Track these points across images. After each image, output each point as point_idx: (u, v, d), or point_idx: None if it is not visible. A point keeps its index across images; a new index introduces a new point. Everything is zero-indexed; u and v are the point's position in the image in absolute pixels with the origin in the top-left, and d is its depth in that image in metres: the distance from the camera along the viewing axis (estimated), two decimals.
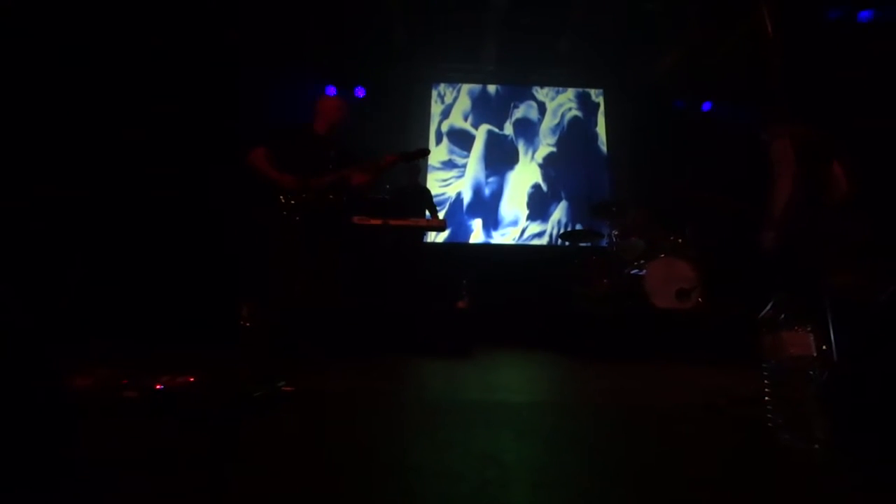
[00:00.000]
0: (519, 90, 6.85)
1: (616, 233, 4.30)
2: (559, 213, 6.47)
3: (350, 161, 2.56)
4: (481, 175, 6.57)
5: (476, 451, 1.08)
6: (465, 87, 6.80)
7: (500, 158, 6.62)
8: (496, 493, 0.83)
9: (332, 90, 5.88)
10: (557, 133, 6.76)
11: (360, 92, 5.96)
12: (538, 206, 6.50)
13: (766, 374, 1.18)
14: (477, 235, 6.35)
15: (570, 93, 6.88)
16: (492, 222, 6.41)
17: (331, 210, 2.47)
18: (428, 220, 4.54)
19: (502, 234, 6.36)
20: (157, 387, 1.49)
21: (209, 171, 4.22)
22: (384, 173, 2.59)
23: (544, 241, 6.36)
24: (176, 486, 0.86)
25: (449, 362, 2.87)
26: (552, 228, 6.41)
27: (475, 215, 6.42)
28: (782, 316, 1.17)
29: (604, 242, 4.85)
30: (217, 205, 4.06)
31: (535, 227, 6.42)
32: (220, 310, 3.57)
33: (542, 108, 6.83)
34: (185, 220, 4.16)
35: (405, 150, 2.68)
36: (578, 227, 6.15)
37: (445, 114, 6.72)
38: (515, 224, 6.42)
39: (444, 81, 6.76)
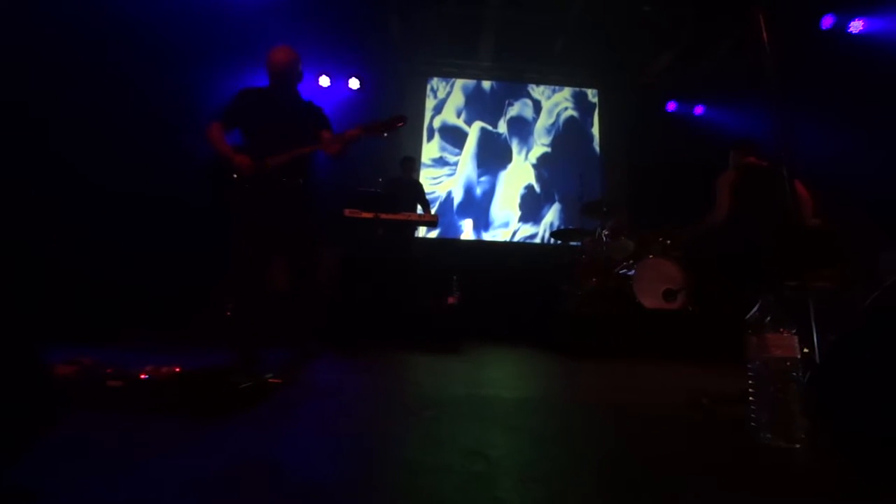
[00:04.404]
0: (514, 87, 6.79)
1: (606, 232, 4.33)
2: (552, 215, 6.44)
3: (320, 122, 2.41)
4: (473, 174, 6.50)
5: (464, 446, 1.08)
6: (459, 83, 6.71)
7: (492, 157, 6.57)
8: (483, 487, 0.83)
9: (325, 80, 5.81)
10: (552, 133, 6.72)
11: (353, 83, 5.90)
12: (530, 207, 6.45)
13: (750, 374, 1.20)
14: (467, 236, 6.30)
15: (567, 92, 6.83)
16: (483, 223, 6.36)
17: (285, 194, 2.26)
18: (420, 215, 4.53)
19: (493, 236, 6.32)
20: (142, 376, 1.47)
21: (201, 163, 4.16)
22: (353, 143, 2.34)
23: (535, 243, 6.35)
24: (157, 477, 0.85)
25: (438, 357, 2.87)
26: (544, 231, 6.36)
27: (466, 215, 6.36)
28: (768, 318, 1.19)
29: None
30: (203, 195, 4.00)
31: (526, 230, 6.38)
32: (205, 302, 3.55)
33: (537, 107, 6.78)
34: (170, 210, 4.10)
35: (374, 121, 2.37)
36: (571, 227, 6.18)
37: (438, 109, 6.64)
38: (507, 226, 6.37)
39: (437, 76, 6.68)
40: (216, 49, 4.63)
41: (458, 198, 6.41)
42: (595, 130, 6.76)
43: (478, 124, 6.65)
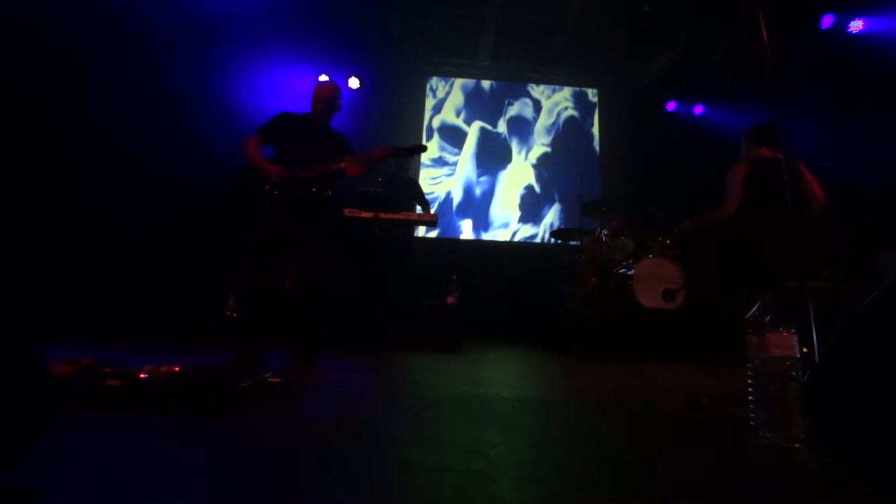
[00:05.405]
0: (514, 87, 6.74)
1: (606, 232, 4.33)
2: (552, 216, 6.41)
3: (346, 150, 2.56)
4: (473, 174, 6.45)
5: (463, 445, 1.08)
6: (459, 82, 6.67)
7: (492, 157, 6.52)
8: (483, 486, 0.83)
9: (325, 79, 5.81)
10: (552, 133, 6.67)
11: (353, 82, 5.89)
12: (530, 208, 6.41)
13: (750, 373, 1.20)
14: (467, 237, 6.26)
15: (567, 91, 6.78)
16: (482, 224, 6.31)
17: (312, 203, 2.46)
18: (419, 215, 4.52)
19: (492, 236, 6.29)
20: (141, 375, 1.47)
21: (202, 162, 4.16)
22: (376, 166, 2.59)
23: (535, 243, 6.32)
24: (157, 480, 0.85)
25: (438, 357, 2.87)
26: (544, 232, 6.32)
27: (465, 216, 6.32)
28: (767, 318, 1.19)
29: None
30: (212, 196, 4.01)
31: (526, 230, 6.34)
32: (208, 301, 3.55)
33: (537, 107, 6.74)
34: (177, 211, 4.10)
35: (399, 146, 2.67)
36: (571, 227, 6.14)
37: (437, 109, 6.59)
38: (506, 226, 6.33)
39: (437, 75, 6.63)
40: (217, 49, 4.64)
41: (457, 198, 6.37)
42: (595, 130, 6.73)
43: (477, 124, 6.62)
